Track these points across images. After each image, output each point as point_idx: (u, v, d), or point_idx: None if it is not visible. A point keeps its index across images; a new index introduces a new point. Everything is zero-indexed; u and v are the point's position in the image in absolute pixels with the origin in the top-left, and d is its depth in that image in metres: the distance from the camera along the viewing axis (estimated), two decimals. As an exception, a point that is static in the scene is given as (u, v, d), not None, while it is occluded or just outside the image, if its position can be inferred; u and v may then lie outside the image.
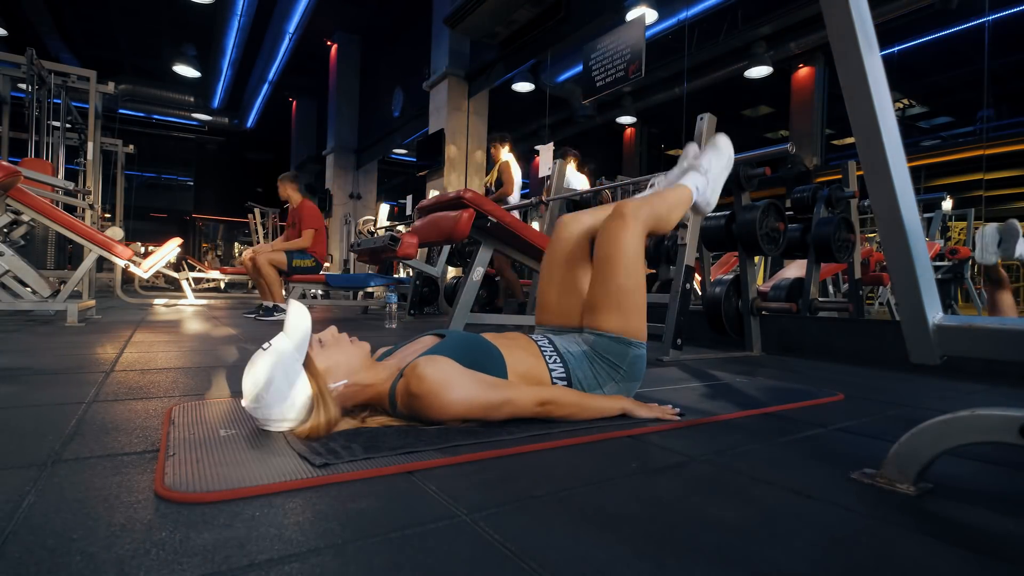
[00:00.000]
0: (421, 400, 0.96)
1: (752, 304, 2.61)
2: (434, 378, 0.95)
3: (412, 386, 0.96)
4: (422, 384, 0.95)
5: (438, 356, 1.01)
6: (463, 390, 0.98)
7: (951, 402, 1.53)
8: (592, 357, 1.19)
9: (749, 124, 12.76)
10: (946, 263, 5.30)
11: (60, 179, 5.07)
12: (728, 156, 1.42)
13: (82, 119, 6.05)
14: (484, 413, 1.01)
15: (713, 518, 0.68)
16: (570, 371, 1.17)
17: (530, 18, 6.55)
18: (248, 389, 0.92)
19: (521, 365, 1.13)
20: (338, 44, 12.09)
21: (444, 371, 0.97)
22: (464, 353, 1.05)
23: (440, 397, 0.95)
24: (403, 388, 0.98)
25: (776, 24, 7.61)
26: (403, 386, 0.98)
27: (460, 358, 1.02)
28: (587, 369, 1.18)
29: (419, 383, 0.95)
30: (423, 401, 0.96)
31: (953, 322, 0.75)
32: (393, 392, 1.01)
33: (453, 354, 1.03)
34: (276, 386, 0.91)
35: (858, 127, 0.77)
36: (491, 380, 1.03)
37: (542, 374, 1.15)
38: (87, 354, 1.92)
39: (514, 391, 1.03)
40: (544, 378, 1.14)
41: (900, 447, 0.80)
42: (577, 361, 1.18)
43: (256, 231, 9.74)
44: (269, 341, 0.96)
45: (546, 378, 1.15)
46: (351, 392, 1.02)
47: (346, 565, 0.54)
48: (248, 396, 0.93)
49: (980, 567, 0.58)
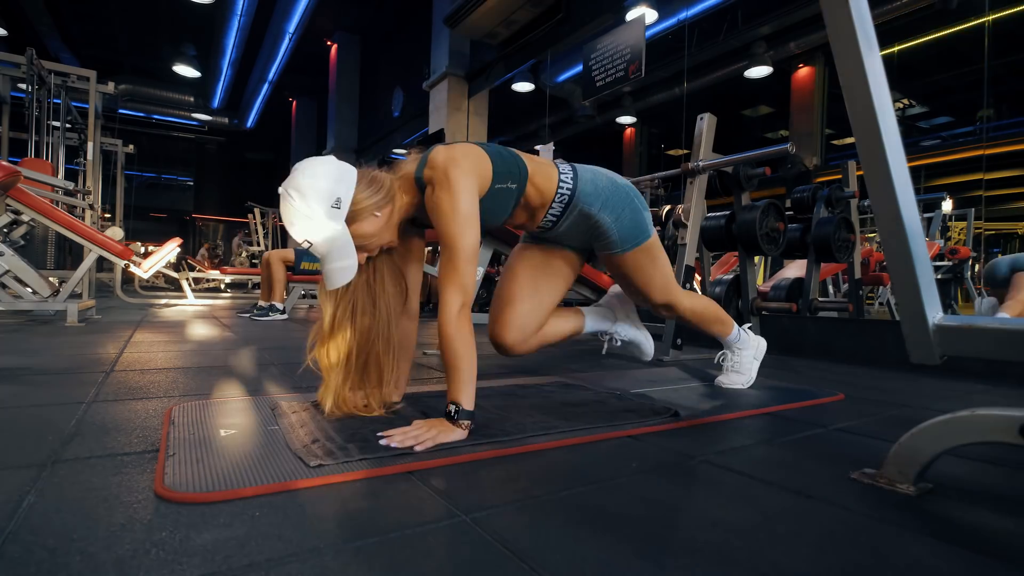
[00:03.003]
0: (435, 171, 1.05)
1: (752, 304, 2.61)
2: (446, 155, 1.07)
3: (431, 158, 1.07)
4: (436, 157, 1.07)
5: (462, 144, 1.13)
6: (463, 167, 1.06)
7: (951, 402, 1.52)
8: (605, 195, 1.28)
9: (749, 124, 12.75)
10: (946, 263, 5.30)
11: (60, 179, 5.07)
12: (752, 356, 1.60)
13: (82, 119, 6.04)
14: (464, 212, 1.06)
15: (713, 518, 0.68)
16: (578, 179, 1.26)
17: (530, 18, 6.54)
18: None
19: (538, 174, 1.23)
20: (338, 44, 12.09)
21: (457, 150, 1.08)
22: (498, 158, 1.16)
23: (448, 170, 1.04)
24: (426, 167, 1.08)
25: (776, 24, 7.60)
26: (427, 166, 1.08)
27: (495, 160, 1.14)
28: (592, 185, 1.27)
29: (435, 156, 1.07)
30: (437, 172, 1.05)
31: (953, 322, 0.75)
32: (420, 174, 1.09)
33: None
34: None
35: (858, 127, 0.77)
36: (472, 213, 1.07)
37: (551, 173, 1.25)
38: (87, 354, 1.92)
39: (473, 229, 1.06)
40: (553, 176, 1.25)
41: (900, 447, 0.80)
42: (589, 176, 1.28)
43: (256, 231, 9.74)
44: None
45: (554, 178, 1.25)
46: (393, 186, 1.09)
47: (346, 565, 0.54)
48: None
49: (980, 567, 0.58)
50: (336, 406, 1.08)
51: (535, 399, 1.32)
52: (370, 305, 1.12)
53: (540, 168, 1.24)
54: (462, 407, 0.96)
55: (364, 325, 1.11)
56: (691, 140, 2.45)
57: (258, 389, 1.42)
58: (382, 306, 1.13)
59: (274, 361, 1.91)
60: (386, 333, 1.13)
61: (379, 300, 1.13)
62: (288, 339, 2.62)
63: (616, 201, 1.27)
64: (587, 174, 1.28)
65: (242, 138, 17.19)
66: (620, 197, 1.28)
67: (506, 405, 1.24)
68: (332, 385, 1.09)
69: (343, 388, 1.10)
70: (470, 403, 0.98)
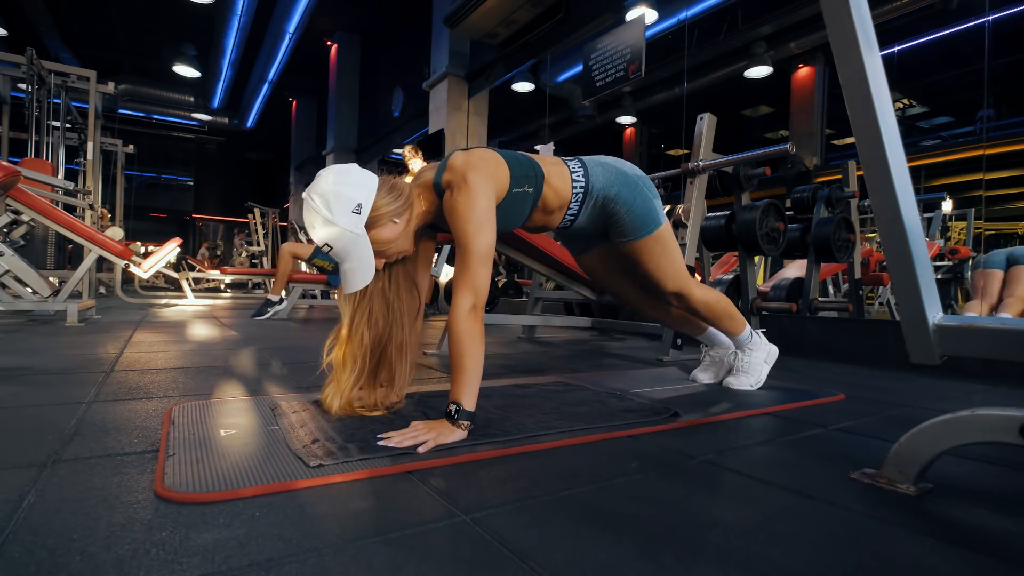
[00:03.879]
0: (454, 175, 1.08)
1: (752, 304, 2.61)
2: (465, 159, 1.10)
3: (449, 163, 1.11)
4: (455, 160, 1.10)
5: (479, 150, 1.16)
6: (480, 173, 1.08)
7: (951, 402, 1.52)
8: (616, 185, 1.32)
9: (749, 124, 12.75)
10: (946, 263, 5.30)
11: (60, 179, 5.06)
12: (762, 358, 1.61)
13: (82, 119, 6.04)
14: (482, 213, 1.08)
15: (713, 518, 0.68)
16: (588, 174, 1.30)
17: (530, 18, 6.54)
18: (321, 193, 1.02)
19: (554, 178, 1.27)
20: (338, 44, 12.08)
21: (476, 155, 1.12)
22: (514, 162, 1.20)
23: (467, 174, 1.07)
24: (445, 171, 1.12)
25: (776, 24, 7.59)
26: (446, 170, 1.12)
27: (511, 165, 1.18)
28: (603, 176, 1.30)
29: (453, 160, 1.11)
30: (456, 176, 1.08)
31: (953, 322, 0.75)
32: (439, 180, 1.13)
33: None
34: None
35: (858, 127, 0.77)
36: (488, 216, 1.09)
37: (564, 172, 1.29)
38: (87, 354, 1.92)
39: (488, 231, 1.08)
40: (566, 174, 1.29)
41: (900, 447, 0.80)
42: (599, 169, 1.31)
43: (256, 231, 9.74)
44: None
45: (567, 176, 1.29)
46: (412, 193, 1.12)
47: (346, 565, 0.54)
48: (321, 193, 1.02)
49: (980, 567, 0.58)
50: (346, 406, 1.10)
51: (535, 399, 1.32)
52: (384, 311, 1.15)
53: (554, 169, 1.26)
54: (463, 408, 0.96)
55: (379, 330, 1.14)
56: (691, 140, 2.45)
57: (258, 389, 1.42)
58: (396, 312, 1.16)
59: (274, 361, 1.91)
60: (399, 338, 1.16)
61: (393, 305, 1.16)
62: (288, 339, 2.62)
63: (628, 190, 1.31)
64: (595, 166, 1.32)
65: (242, 138, 17.19)
66: (630, 186, 1.32)
67: (506, 405, 1.24)
68: (343, 387, 1.11)
69: (352, 390, 1.11)
70: (472, 404, 0.98)
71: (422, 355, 2.20)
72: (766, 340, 1.60)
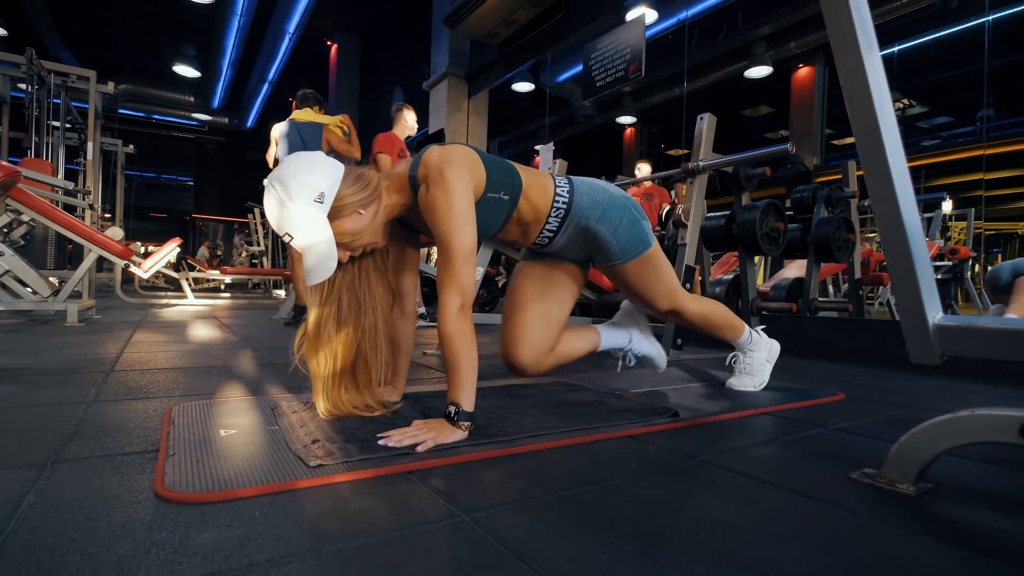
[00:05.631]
0: (430, 169, 1.04)
1: (752, 304, 2.61)
2: (441, 153, 1.06)
3: (425, 157, 1.06)
4: (431, 155, 1.06)
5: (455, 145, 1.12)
6: (457, 168, 1.04)
7: (951, 402, 1.52)
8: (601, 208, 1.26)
9: (749, 124, 12.75)
10: (946, 263, 5.30)
11: (60, 179, 5.06)
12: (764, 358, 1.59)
13: (82, 119, 6.05)
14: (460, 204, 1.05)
15: (713, 518, 0.68)
16: (574, 192, 1.23)
17: (530, 18, 6.54)
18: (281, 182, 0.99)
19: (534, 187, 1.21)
20: (338, 44, 12.09)
21: (452, 150, 1.07)
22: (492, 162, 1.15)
23: (443, 169, 1.03)
24: (420, 165, 1.07)
25: (776, 24, 7.60)
26: (420, 164, 1.07)
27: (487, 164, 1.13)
28: (588, 197, 1.24)
29: (429, 154, 1.06)
30: (431, 171, 1.04)
31: (953, 322, 0.75)
32: (414, 173, 1.08)
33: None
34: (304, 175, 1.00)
35: (858, 127, 0.77)
36: (469, 213, 1.06)
37: (547, 185, 1.23)
38: (87, 354, 1.92)
39: (469, 226, 1.05)
40: (549, 189, 1.22)
41: (900, 447, 0.80)
42: (585, 189, 1.25)
43: (256, 231, 9.74)
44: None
45: (550, 191, 1.22)
46: (380, 184, 1.08)
47: (346, 565, 0.54)
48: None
49: (980, 567, 0.58)
50: (333, 407, 1.08)
51: (535, 399, 1.32)
52: (355, 306, 1.11)
53: (536, 180, 1.20)
54: (462, 408, 0.96)
55: (350, 326, 1.10)
56: (691, 140, 2.45)
57: (258, 389, 1.42)
58: (368, 307, 1.12)
59: (274, 361, 1.91)
60: (373, 334, 1.12)
61: (365, 301, 1.12)
62: (289, 339, 2.62)
63: (613, 212, 1.24)
64: (584, 187, 1.25)
65: (242, 138, 17.19)
66: (617, 208, 1.25)
67: (506, 405, 1.24)
68: (321, 387, 1.09)
69: (335, 390, 1.09)
70: (470, 404, 0.97)
71: (422, 355, 2.20)
72: (766, 336, 1.60)
